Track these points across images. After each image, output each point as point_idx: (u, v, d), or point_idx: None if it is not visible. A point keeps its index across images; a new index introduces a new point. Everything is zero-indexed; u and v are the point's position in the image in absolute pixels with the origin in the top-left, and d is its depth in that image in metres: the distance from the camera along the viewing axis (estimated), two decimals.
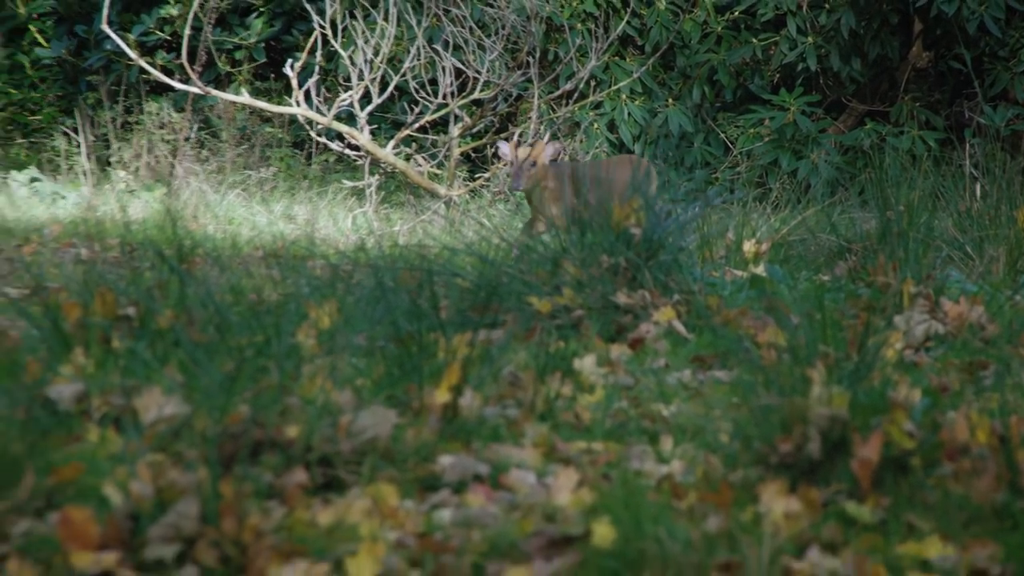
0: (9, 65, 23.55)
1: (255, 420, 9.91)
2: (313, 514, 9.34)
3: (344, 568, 8.83)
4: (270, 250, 14.67)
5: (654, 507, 9.27)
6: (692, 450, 10.19)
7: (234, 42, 21.45)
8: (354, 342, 11.32)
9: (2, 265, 14.97)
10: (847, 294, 11.23)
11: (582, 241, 13.45)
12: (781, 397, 9.87)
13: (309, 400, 10.14)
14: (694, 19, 22.03)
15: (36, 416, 10.41)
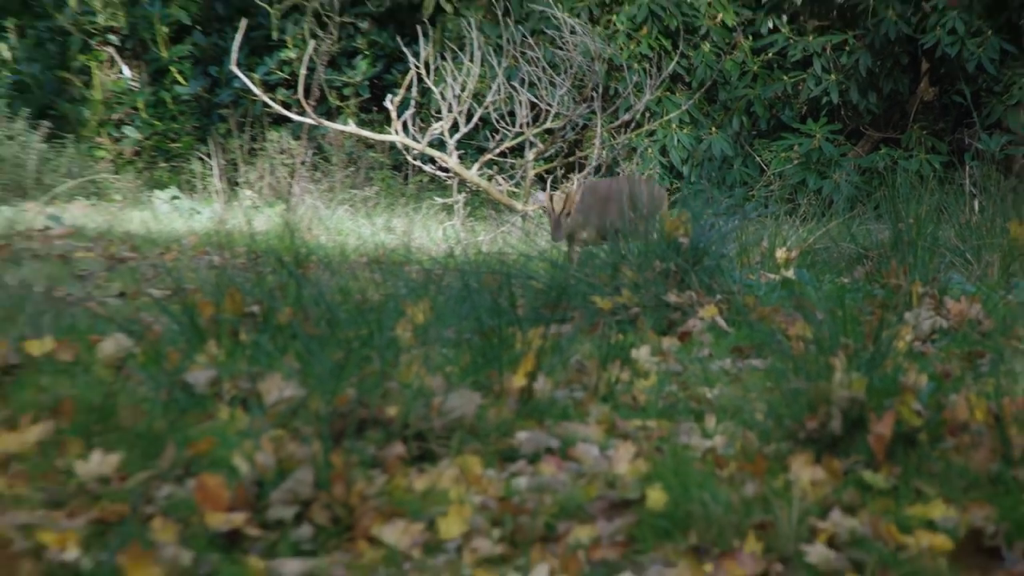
0: (154, 100, 23.52)
1: (360, 401, 10.04)
2: (410, 481, 9.47)
3: (436, 527, 8.96)
4: (373, 257, 14.70)
5: (699, 475, 9.38)
6: (732, 427, 10.28)
7: (342, 80, 21.37)
8: (444, 335, 11.40)
9: (147, 270, 14.98)
10: (864, 294, 11.28)
11: (639, 249, 13.60)
12: (808, 382, 9.98)
13: (406, 384, 10.25)
14: (734, 60, 21.81)
15: (176, 398, 10.51)
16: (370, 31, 22.33)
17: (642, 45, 20.65)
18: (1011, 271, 13.36)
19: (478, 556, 8.72)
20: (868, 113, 21.09)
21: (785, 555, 8.65)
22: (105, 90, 22.72)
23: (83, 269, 15.27)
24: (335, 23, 21.41)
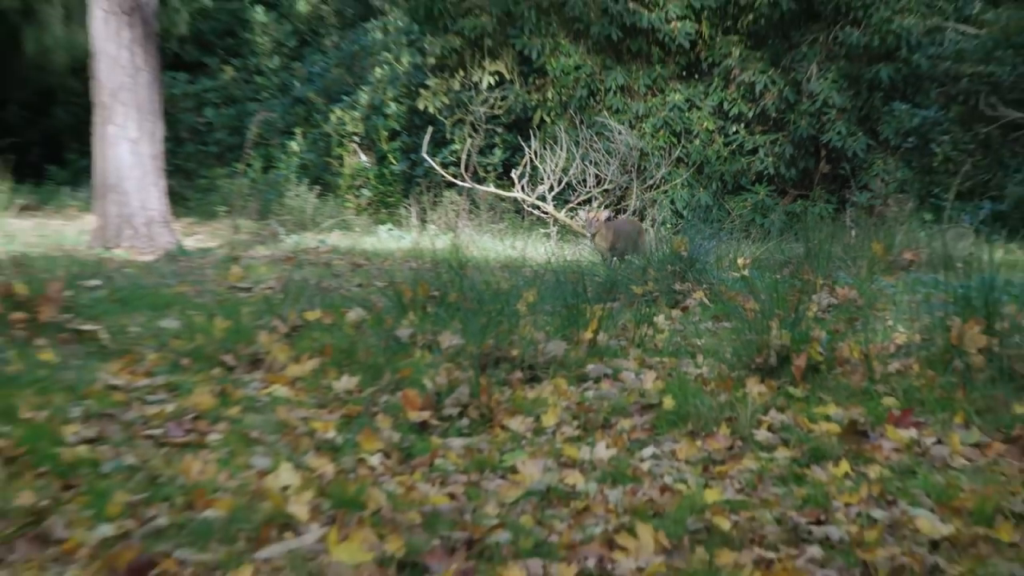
0: (379, 173, 23.45)
1: (496, 347, 10.16)
2: (524, 393, 9.59)
3: (540, 420, 9.11)
4: (503, 263, 14.73)
5: (693, 390, 9.46)
6: (712, 362, 10.35)
7: (486, 161, 21.16)
8: (544, 308, 11.51)
9: (374, 271, 14.99)
10: (788, 284, 11.28)
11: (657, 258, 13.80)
12: (756, 335, 10.05)
13: (523, 337, 10.35)
14: (713, 149, 21.51)
15: (390, 345, 10.61)
16: (503, 133, 22.16)
17: (659, 140, 20.51)
18: (873, 271, 13.47)
19: (564, 436, 8.86)
20: (790, 180, 20.93)
21: (743, 436, 8.75)
22: (351, 168, 22.68)
23: (337, 270, 15.34)
24: (482, 128, 21.31)
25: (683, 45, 21.75)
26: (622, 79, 21.79)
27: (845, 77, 21.68)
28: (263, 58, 26.72)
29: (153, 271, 14.96)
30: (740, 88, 21.73)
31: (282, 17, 27.26)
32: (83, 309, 11.61)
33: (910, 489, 7.71)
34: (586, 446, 8.59)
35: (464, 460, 8.38)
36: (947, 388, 9.39)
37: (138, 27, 16.96)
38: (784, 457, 8.38)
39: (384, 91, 23.82)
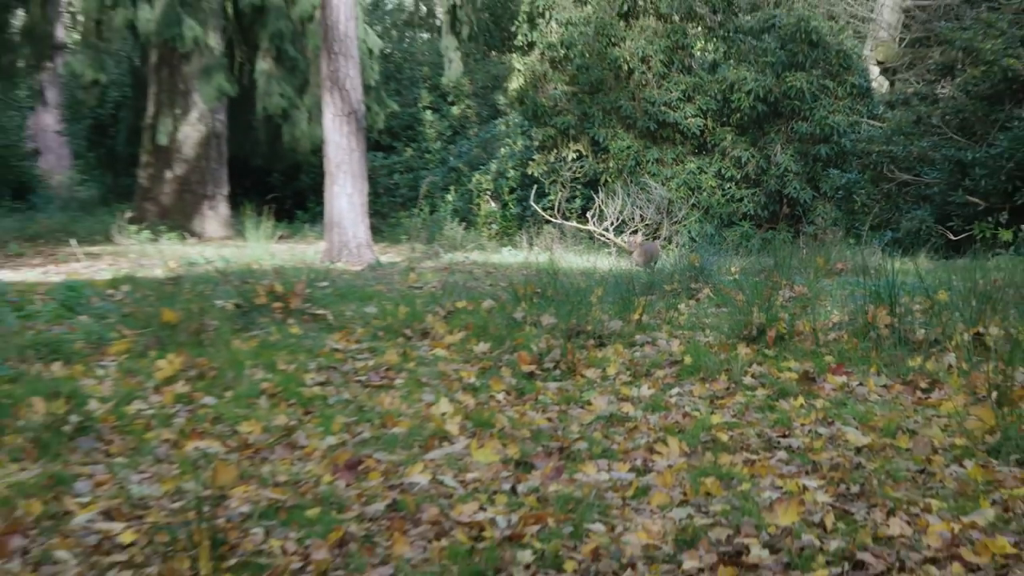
0: (503, 215, 23.17)
1: (577, 324, 10.02)
2: (595, 353, 9.47)
3: (605, 370, 9.01)
4: (581, 271, 14.64)
5: (704, 351, 9.35)
6: (715, 333, 10.21)
7: (570, 206, 21.11)
8: (607, 299, 11.37)
9: (499, 276, 14.87)
10: (763, 284, 11.15)
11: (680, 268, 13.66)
12: (743, 316, 9.93)
13: (594, 317, 10.23)
14: (715, 199, 21.24)
15: (509, 323, 10.48)
16: (581, 188, 21.95)
17: (680, 193, 20.31)
18: (818, 276, 13.34)
19: (621, 381, 8.74)
20: (764, 218, 20.74)
21: (735, 381, 8.62)
22: (485, 211, 22.55)
23: (476, 276, 15.27)
24: (568, 185, 21.17)
25: (695, 133, 21.64)
26: (657, 154, 21.69)
27: (798, 153, 21.53)
28: (430, 142, 26.70)
29: (360, 277, 15.00)
30: (731, 160, 21.58)
31: (442, 117, 27.28)
32: (317, 300, 11.63)
33: (843, 414, 7.80)
34: (635, 387, 8.56)
35: (557, 396, 8.37)
36: (865, 350, 9.36)
37: (353, 124, 17.08)
38: (762, 394, 8.37)
39: (506, 162, 23.73)
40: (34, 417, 7.40)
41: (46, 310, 11.49)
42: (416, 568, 5.24)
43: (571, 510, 5.91)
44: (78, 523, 5.86)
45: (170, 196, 23.30)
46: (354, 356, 9.64)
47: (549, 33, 22.57)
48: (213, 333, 10.01)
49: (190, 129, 23.17)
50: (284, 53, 23.36)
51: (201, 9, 21.98)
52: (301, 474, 6.62)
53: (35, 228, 22.28)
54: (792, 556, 5.27)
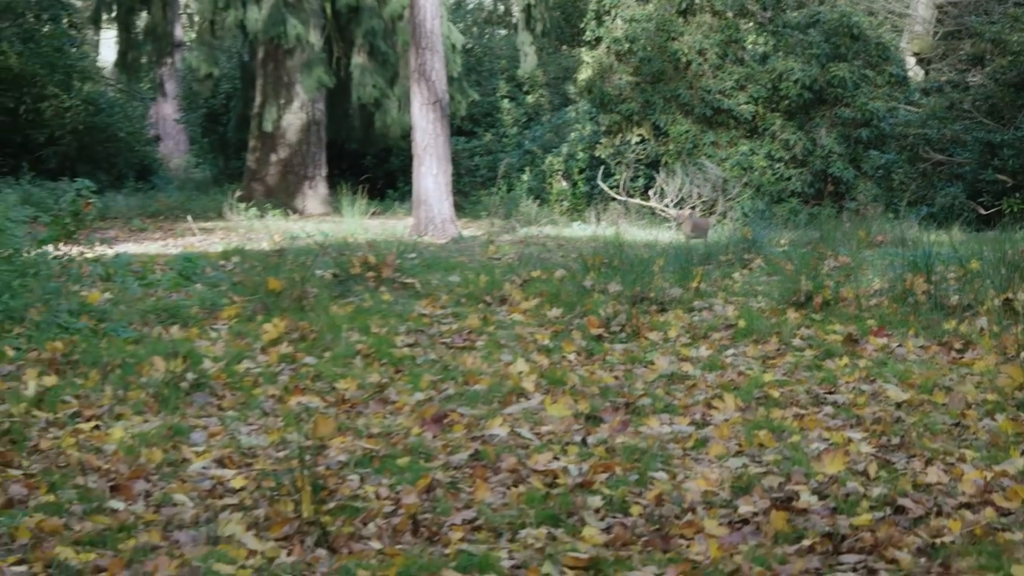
0: (572, 192, 22.87)
1: (641, 291, 9.95)
2: (657, 318, 9.42)
3: (667, 333, 8.95)
4: (644, 243, 14.54)
5: (757, 315, 9.29)
6: (766, 299, 10.13)
7: (633, 185, 20.76)
8: (668, 268, 11.27)
9: (570, 248, 14.78)
10: (810, 255, 11.05)
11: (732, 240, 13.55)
12: (792, 284, 9.84)
13: (656, 285, 10.17)
14: (766, 177, 20.87)
15: (579, 290, 10.44)
16: (644, 169, 21.55)
17: (734, 172, 19.99)
18: (860, 247, 13.21)
19: (681, 343, 8.65)
20: (810, 195, 20.32)
21: (785, 342, 8.57)
22: (557, 190, 22.35)
23: (549, 248, 15.21)
24: (632, 166, 20.99)
25: (747, 118, 21.44)
26: (712, 138, 21.52)
27: (841, 136, 21.28)
28: (507, 128, 26.58)
29: (445, 249, 15.00)
30: (780, 142, 21.37)
31: (518, 104, 27.15)
32: (406, 270, 11.61)
33: (884, 373, 7.76)
34: (693, 348, 8.54)
35: (622, 357, 8.34)
36: (904, 314, 9.33)
37: (438, 111, 17.11)
38: (809, 355, 8.33)
39: (576, 145, 23.57)
40: (155, 375, 7.47)
41: (165, 279, 11.58)
42: (496, 512, 5.24)
43: (636, 460, 5.91)
44: (194, 470, 5.93)
45: (275, 177, 23.47)
46: (439, 320, 9.63)
47: (614, 29, 22.47)
48: (313, 300, 10.04)
49: (292, 117, 23.33)
50: (376, 48, 23.44)
51: (303, 9, 22.08)
52: (392, 426, 6.65)
53: (156, 206, 22.48)
54: (838, 502, 5.27)
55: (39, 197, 14.74)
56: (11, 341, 8.47)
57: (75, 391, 7.34)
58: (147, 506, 5.44)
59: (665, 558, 4.73)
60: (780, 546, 4.82)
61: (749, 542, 4.87)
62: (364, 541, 4.96)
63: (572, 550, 4.76)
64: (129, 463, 5.99)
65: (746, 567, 4.56)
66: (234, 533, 4.99)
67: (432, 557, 4.76)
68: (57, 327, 8.84)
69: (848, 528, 4.94)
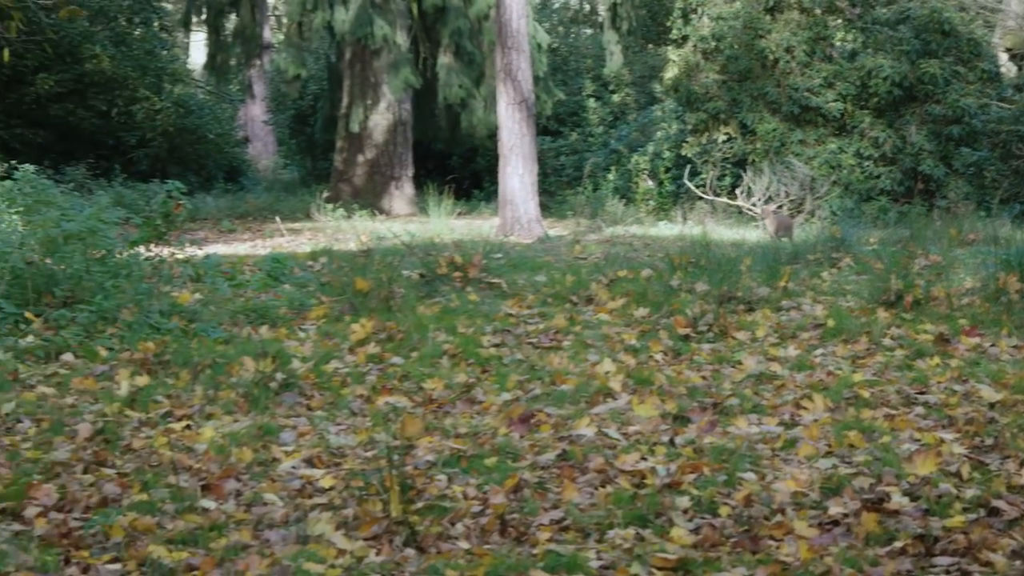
0: (659, 191, 22.57)
1: (728, 290, 9.89)
2: (745, 317, 9.37)
3: (754, 333, 8.89)
4: (731, 242, 14.41)
5: (847, 315, 9.22)
6: (856, 299, 10.02)
7: (721, 184, 20.78)
8: (756, 268, 11.19)
9: (656, 248, 14.68)
10: (901, 253, 10.92)
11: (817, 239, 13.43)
12: (882, 283, 9.76)
13: (744, 284, 10.11)
14: (855, 175, 20.94)
15: (666, 290, 10.40)
16: (731, 168, 21.54)
17: (823, 171, 19.67)
18: (951, 245, 13.02)
19: (769, 343, 8.58)
20: (900, 193, 19.91)
21: (875, 342, 8.49)
22: (643, 189, 22.13)
23: (635, 248, 15.16)
24: (719, 165, 20.86)
25: (836, 116, 21.19)
26: (800, 136, 21.29)
27: (932, 133, 20.98)
28: (593, 127, 26.51)
29: (531, 249, 15.00)
30: (869, 140, 21.08)
31: (604, 104, 27.07)
32: (492, 270, 11.62)
33: (976, 373, 7.65)
34: (782, 348, 8.49)
35: (710, 356, 8.30)
36: (997, 314, 9.23)
37: (524, 111, 17.13)
38: (900, 354, 8.25)
39: (662, 144, 23.43)
40: (245, 375, 7.55)
41: (254, 280, 11.69)
42: (584, 512, 5.24)
43: (725, 460, 5.88)
44: (284, 469, 5.98)
45: (362, 178, 23.62)
46: (526, 320, 9.62)
47: (701, 27, 22.34)
48: (400, 300, 10.10)
49: (379, 117, 23.45)
50: (463, 48, 23.48)
51: (390, 10, 22.19)
52: (480, 426, 6.67)
53: (245, 207, 22.71)
54: (930, 503, 5.22)
55: (131, 199, 14.95)
56: (104, 341, 8.62)
57: (167, 391, 7.44)
58: (238, 505, 5.49)
59: (754, 559, 4.71)
60: (871, 548, 4.79)
61: (840, 544, 4.84)
62: (452, 541, 4.98)
63: (660, 551, 4.75)
64: (220, 462, 6.05)
65: (837, 569, 4.53)
66: (323, 532, 5.03)
67: (520, 557, 4.77)
68: (149, 327, 8.97)
69: (940, 530, 4.90)
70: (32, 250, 9.72)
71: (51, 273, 9.49)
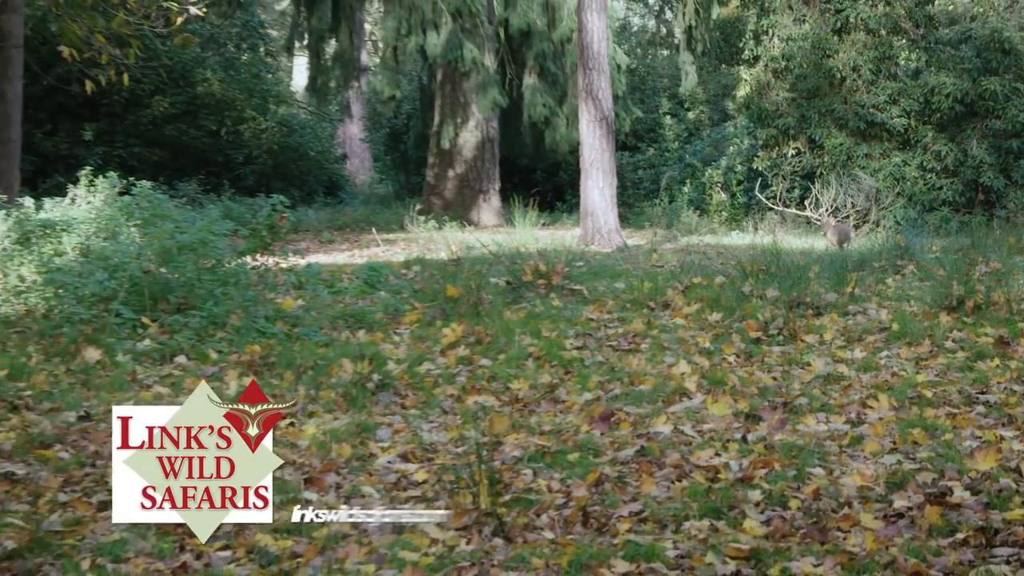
0: (731, 203, 22.36)
1: (797, 296, 9.81)
2: (813, 321, 9.28)
3: (822, 336, 8.82)
4: (800, 251, 14.25)
5: (909, 319, 9.11)
6: (919, 303, 9.90)
7: (790, 196, 20.30)
8: (823, 275, 11.10)
9: (729, 256, 14.57)
10: (962, 260, 10.79)
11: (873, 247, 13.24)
12: (943, 288, 9.64)
13: (812, 290, 10.04)
14: (919, 187, 20.91)
15: (738, 295, 10.32)
16: (800, 180, 21.45)
17: (887, 182, 19.50)
18: (1010, 253, 12.84)
19: (836, 346, 8.50)
20: (961, 203, 19.66)
21: (938, 344, 8.39)
22: (716, 201, 21.90)
23: (709, 256, 15.08)
24: (788, 177, 20.71)
25: (900, 131, 20.98)
26: (866, 150, 21.09)
27: (992, 147, 20.69)
28: (669, 143, 26.45)
29: (610, 258, 14.96)
30: (932, 153, 20.86)
31: (679, 121, 26.98)
32: (574, 277, 11.60)
33: None
34: (848, 351, 8.41)
35: (780, 359, 8.25)
36: None
37: (604, 128, 17.12)
38: (961, 356, 8.15)
39: (734, 159, 23.29)
40: (344, 376, 7.61)
41: (352, 287, 11.78)
42: (661, 505, 5.25)
43: (794, 456, 5.86)
44: (380, 464, 6.03)
45: (452, 191, 23.71)
46: (606, 324, 9.60)
47: (772, 48, 22.24)
48: (488, 305, 10.12)
49: (468, 135, 23.54)
50: (546, 69, 23.53)
51: (478, 34, 22.25)
52: (563, 424, 6.68)
53: (343, 219, 22.83)
54: (991, 497, 5.19)
55: (238, 212, 15.02)
56: (215, 344, 8.73)
57: (271, 391, 7.50)
58: (338, 497, 5.54)
59: (823, 549, 4.69)
60: (934, 539, 4.76)
61: (904, 535, 4.81)
62: (538, 531, 5.01)
63: (733, 541, 4.75)
64: (321, 457, 6.12)
65: (901, 559, 4.51)
66: (417, 523, 5.07)
67: (601, 547, 4.78)
68: (255, 332, 9.08)
69: (1001, 522, 4.87)
70: (149, 260, 9.87)
71: (166, 281, 9.64)
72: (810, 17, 22.17)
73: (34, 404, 7.28)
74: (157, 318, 9.20)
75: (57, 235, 11.25)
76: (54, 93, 22.81)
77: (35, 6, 17.24)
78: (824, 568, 4.47)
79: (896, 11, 21.79)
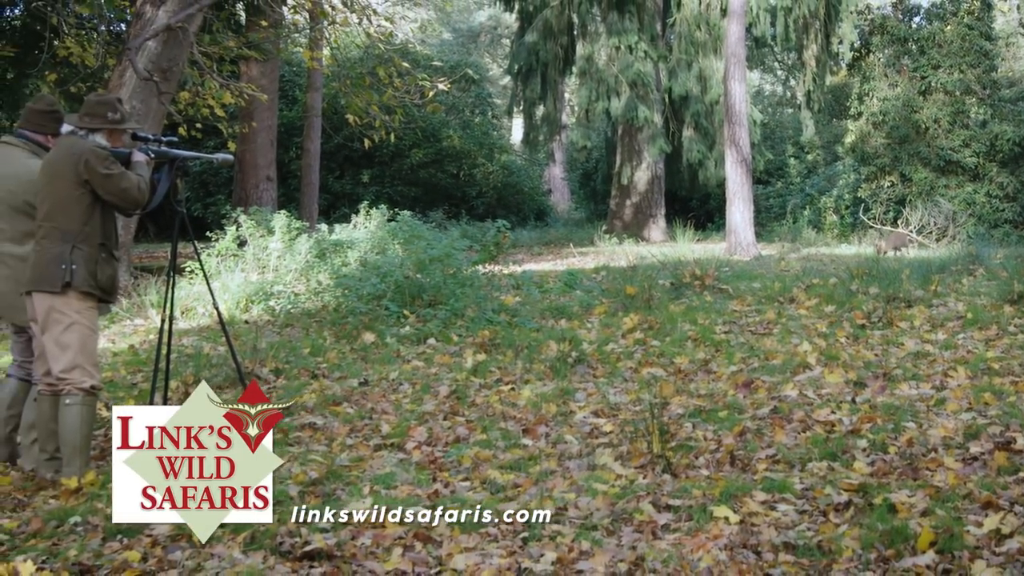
0: (840, 224, 21.73)
1: (893, 292, 9.47)
2: (905, 312, 8.94)
3: (912, 322, 8.50)
4: (893, 259, 13.80)
5: (979, 309, 8.73)
6: (986, 297, 9.47)
7: (887, 217, 19.79)
8: (913, 276, 10.71)
9: (840, 263, 14.13)
10: (1022, 264, 10.35)
11: None
12: (1007, 285, 9.21)
13: (904, 288, 9.69)
14: (986, 211, 20.06)
15: (847, 292, 10.00)
16: (893, 206, 20.73)
17: (961, 206, 18.98)
18: None
19: (924, 329, 8.14)
20: (1020, 222, 18.95)
21: (1004, 328, 7.97)
22: (830, 222, 21.50)
23: (824, 263, 14.65)
24: (884, 203, 20.03)
25: (971, 167, 20.28)
26: (945, 181, 20.48)
27: None
28: (793, 178, 25.80)
29: (749, 265, 14.67)
30: (996, 184, 20.11)
31: (801, 161, 26.30)
32: (722, 279, 11.45)
33: None
34: (933, 334, 8.08)
35: (880, 340, 7.97)
36: None
37: (744, 168, 17.11)
38: (1021, 338, 7.78)
39: (843, 189, 22.54)
40: (550, 353, 7.69)
41: (556, 287, 11.85)
42: (790, 450, 5.19)
43: (892, 414, 5.72)
44: (578, 419, 6.08)
45: (629, 215, 23.75)
46: (746, 315, 9.44)
47: (872, 106, 21.67)
48: (657, 301, 10.09)
49: (641, 173, 23.58)
50: (700, 124, 23.39)
51: (649, 99, 22.21)
52: (714, 389, 6.63)
53: (548, 237, 22.97)
54: None
55: (472, 233, 15.26)
56: (456, 330, 8.92)
57: (497, 364, 7.64)
58: (547, 443, 5.62)
59: (915, 484, 4.59)
60: (1002, 477, 4.62)
61: (978, 474, 4.68)
62: (696, 469, 5.00)
63: (846, 478, 4.69)
64: (534, 413, 6.21)
65: (976, 491, 4.40)
66: (606, 463, 5.11)
67: (744, 481, 4.76)
68: (485, 321, 9.24)
69: None
70: (408, 268, 10.16)
71: (420, 284, 9.88)
72: (901, 82, 21.70)
73: (328, 373, 7.58)
74: (414, 311, 9.44)
75: (344, 251, 11.72)
76: (342, 148, 23.81)
77: (330, 87, 17.96)
78: (916, 498, 4.36)
79: (968, 77, 21.19)
